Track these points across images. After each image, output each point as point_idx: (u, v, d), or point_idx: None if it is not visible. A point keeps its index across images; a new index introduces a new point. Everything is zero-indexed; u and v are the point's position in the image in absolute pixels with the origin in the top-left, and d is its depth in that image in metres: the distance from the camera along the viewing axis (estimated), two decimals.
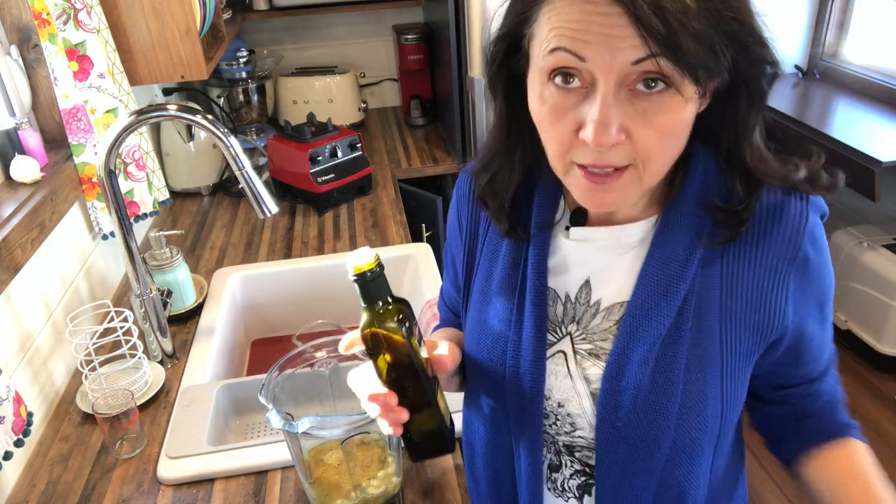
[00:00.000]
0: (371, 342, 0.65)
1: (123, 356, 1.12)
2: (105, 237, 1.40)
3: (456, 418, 0.76)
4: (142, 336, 1.18)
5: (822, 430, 0.74)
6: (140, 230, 1.66)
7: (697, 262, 0.66)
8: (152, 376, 1.15)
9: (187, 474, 0.97)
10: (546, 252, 0.73)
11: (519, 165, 0.73)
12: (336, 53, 2.58)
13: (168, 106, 1.04)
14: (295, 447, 0.84)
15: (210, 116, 1.04)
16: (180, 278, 1.32)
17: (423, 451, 0.72)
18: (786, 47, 2.94)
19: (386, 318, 0.64)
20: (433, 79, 2.44)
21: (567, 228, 0.72)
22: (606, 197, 0.61)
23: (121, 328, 1.08)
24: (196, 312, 1.36)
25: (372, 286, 0.64)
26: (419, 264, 1.50)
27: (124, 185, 1.40)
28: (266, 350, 1.53)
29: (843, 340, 2.55)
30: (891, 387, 2.36)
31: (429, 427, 0.69)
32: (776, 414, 0.77)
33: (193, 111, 1.04)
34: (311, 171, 1.75)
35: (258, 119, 2.31)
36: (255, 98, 2.27)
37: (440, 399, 0.70)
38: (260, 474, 0.98)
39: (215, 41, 1.75)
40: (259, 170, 1.71)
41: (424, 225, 2.09)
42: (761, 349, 0.68)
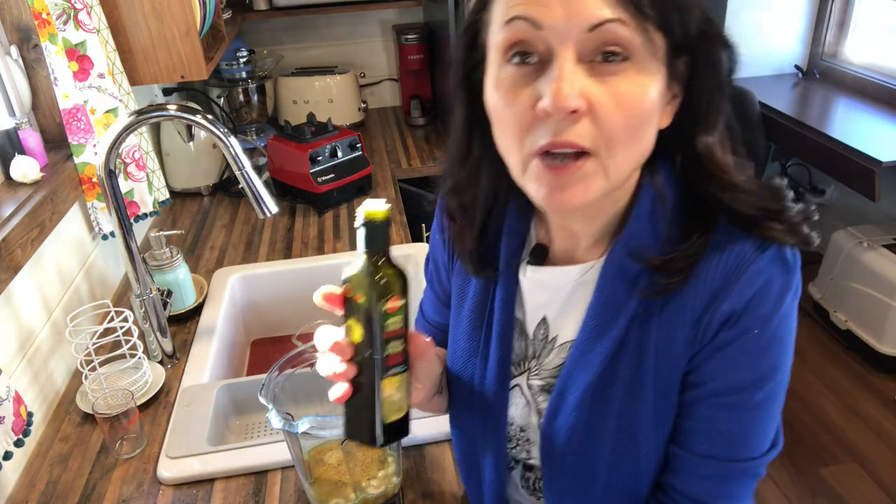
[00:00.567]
0: (350, 290, 0.61)
1: (123, 356, 1.12)
2: (105, 237, 1.40)
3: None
4: (142, 336, 1.18)
5: None
6: (140, 230, 1.66)
7: (636, 309, 0.62)
8: (152, 376, 1.15)
9: (187, 474, 0.97)
10: (514, 288, 0.71)
11: (481, 188, 0.70)
12: (336, 53, 2.58)
13: (168, 106, 1.04)
14: (295, 447, 0.84)
15: (210, 116, 1.04)
16: (180, 278, 1.32)
17: (349, 429, 0.65)
18: (786, 47, 2.94)
19: (375, 271, 0.60)
20: (433, 79, 2.44)
21: (527, 265, 0.70)
22: (567, 193, 0.55)
23: (121, 328, 1.08)
24: (196, 312, 1.36)
25: (378, 235, 0.60)
26: (419, 264, 1.50)
27: (124, 185, 1.40)
28: (266, 350, 1.53)
29: (843, 340, 2.55)
30: (891, 387, 2.36)
31: (362, 405, 0.62)
32: None
33: (193, 111, 1.04)
34: (311, 171, 1.75)
35: (258, 119, 2.31)
36: (255, 98, 2.27)
37: (392, 386, 0.63)
38: (260, 474, 0.98)
39: (215, 41, 1.75)
40: (259, 170, 1.71)
41: (424, 225, 2.09)
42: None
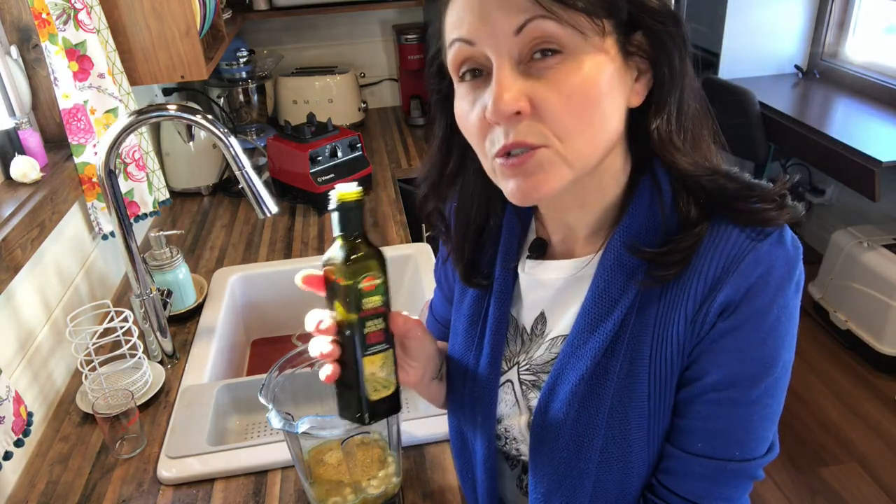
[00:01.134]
0: (330, 272, 0.63)
1: (123, 356, 1.12)
2: (105, 237, 1.40)
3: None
4: (142, 336, 1.18)
5: None
6: (140, 230, 1.66)
7: (631, 303, 0.62)
8: (152, 376, 1.15)
9: (187, 474, 0.97)
10: (510, 283, 0.72)
11: (474, 198, 0.73)
12: (336, 53, 2.58)
13: (168, 106, 1.04)
14: (295, 447, 0.84)
15: (210, 116, 1.04)
16: (180, 278, 1.32)
17: (339, 407, 0.67)
18: (786, 47, 2.94)
19: (350, 252, 0.62)
20: None
21: (526, 258, 0.72)
22: (529, 181, 0.57)
23: (121, 328, 1.08)
24: (196, 312, 1.36)
25: (351, 217, 0.62)
26: (419, 264, 1.50)
27: (124, 185, 1.40)
28: (266, 350, 1.53)
29: (843, 340, 2.55)
30: (891, 387, 2.36)
31: (348, 383, 0.65)
32: None
33: (193, 111, 1.04)
34: (311, 171, 1.75)
35: (258, 119, 2.31)
36: (255, 98, 2.27)
37: (374, 365, 0.65)
38: (260, 474, 0.98)
39: (215, 41, 1.75)
40: (259, 170, 1.71)
41: (424, 225, 2.09)
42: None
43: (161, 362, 1.21)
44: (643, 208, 0.63)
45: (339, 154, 1.82)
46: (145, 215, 1.46)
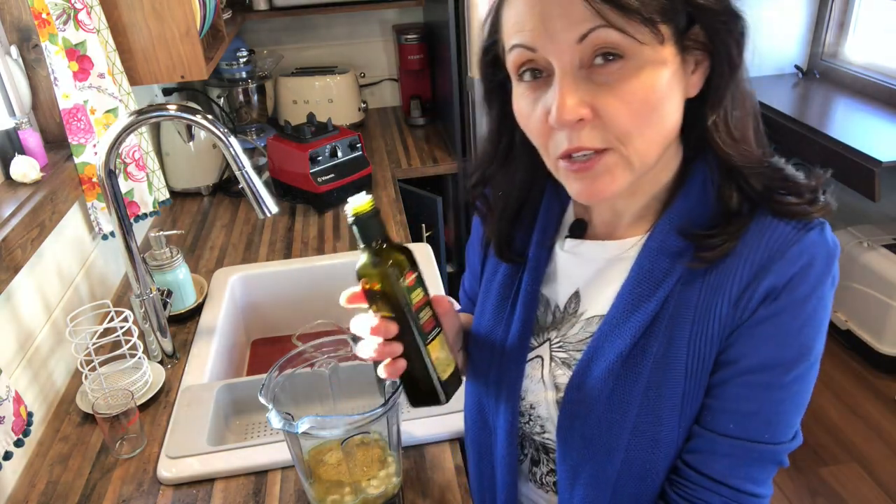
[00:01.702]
0: (366, 282, 0.67)
1: (123, 356, 1.12)
2: (105, 237, 1.40)
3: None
4: (142, 336, 1.18)
5: None
6: (140, 230, 1.66)
7: (673, 286, 0.64)
8: (152, 376, 1.15)
9: (187, 474, 0.97)
10: (544, 260, 0.74)
11: (517, 179, 0.75)
12: (336, 53, 2.58)
13: (168, 106, 1.04)
14: (295, 447, 0.84)
15: (210, 116, 1.04)
16: (180, 278, 1.32)
17: (413, 398, 0.72)
18: (786, 47, 2.94)
19: (381, 259, 0.66)
20: (433, 79, 2.44)
21: (565, 238, 0.74)
22: (595, 185, 0.60)
23: (121, 328, 1.08)
24: (196, 312, 1.36)
25: (370, 226, 0.66)
26: (418, 264, 1.50)
27: (124, 185, 1.40)
28: (266, 350, 1.53)
29: (843, 340, 2.55)
30: (891, 387, 2.36)
31: (418, 374, 0.69)
32: None
33: (193, 111, 1.04)
34: (311, 171, 1.75)
35: (258, 119, 2.31)
36: (255, 98, 2.27)
37: (436, 349, 0.70)
38: (260, 474, 0.98)
39: (215, 41, 1.75)
40: (259, 170, 1.71)
41: (424, 225, 2.09)
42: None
43: (161, 362, 1.21)
44: (695, 193, 0.65)
45: (339, 154, 1.82)
46: (145, 215, 1.46)
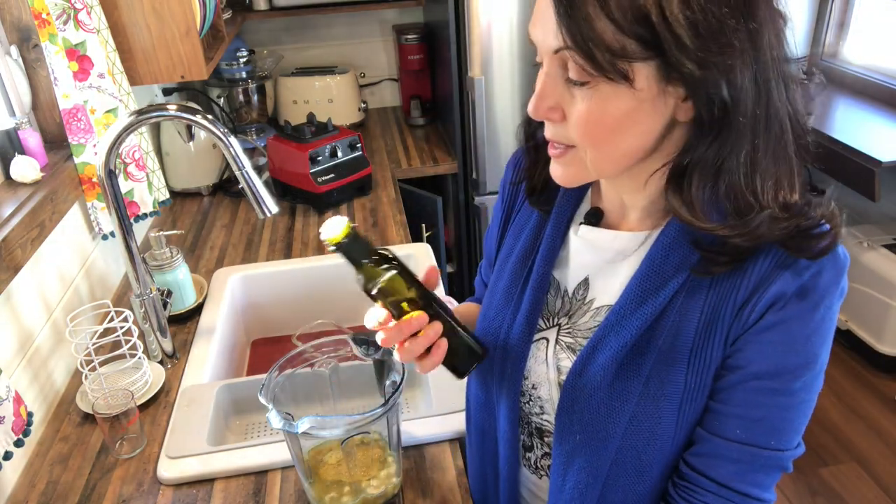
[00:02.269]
0: (381, 296, 0.69)
1: (123, 356, 1.12)
2: (105, 237, 1.40)
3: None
4: (142, 336, 1.18)
5: None
6: (140, 230, 1.66)
7: (682, 283, 0.64)
8: (152, 376, 1.15)
9: (187, 474, 0.97)
10: (558, 244, 0.75)
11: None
12: (336, 53, 2.58)
13: (168, 106, 1.04)
14: (295, 447, 0.84)
15: (210, 116, 1.04)
16: (180, 278, 1.32)
17: (461, 368, 0.76)
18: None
19: (378, 270, 0.69)
20: (433, 79, 2.44)
21: (580, 224, 0.74)
22: (566, 172, 0.65)
23: (121, 328, 1.08)
24: (196, 312, 1.36)
25: (352, 250, 0.69)
26: (419, 264, 1.50)
27: (124, 185, 1.40)
28: (266, 350, 1.53)
29: (844, 340, 2.55)
30: (891, 387, 2.36)
31: (455, 343, 0.73)
32: None
33: (193, 111, 1.04)
34: (311, 171, 1.75)
35: (258, 119, 2.31)
36: (255, 98, 2.27)
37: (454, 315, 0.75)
38: (260, 474, 0.98)
39: (215, 41, 1.75)
40: (259, 170, 1.71)
41: (424, 225, 2.09)
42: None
43: (161, 362, 1.21)
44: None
45: (339, 154, 1.82)
46: (145, 215, 1.46)
